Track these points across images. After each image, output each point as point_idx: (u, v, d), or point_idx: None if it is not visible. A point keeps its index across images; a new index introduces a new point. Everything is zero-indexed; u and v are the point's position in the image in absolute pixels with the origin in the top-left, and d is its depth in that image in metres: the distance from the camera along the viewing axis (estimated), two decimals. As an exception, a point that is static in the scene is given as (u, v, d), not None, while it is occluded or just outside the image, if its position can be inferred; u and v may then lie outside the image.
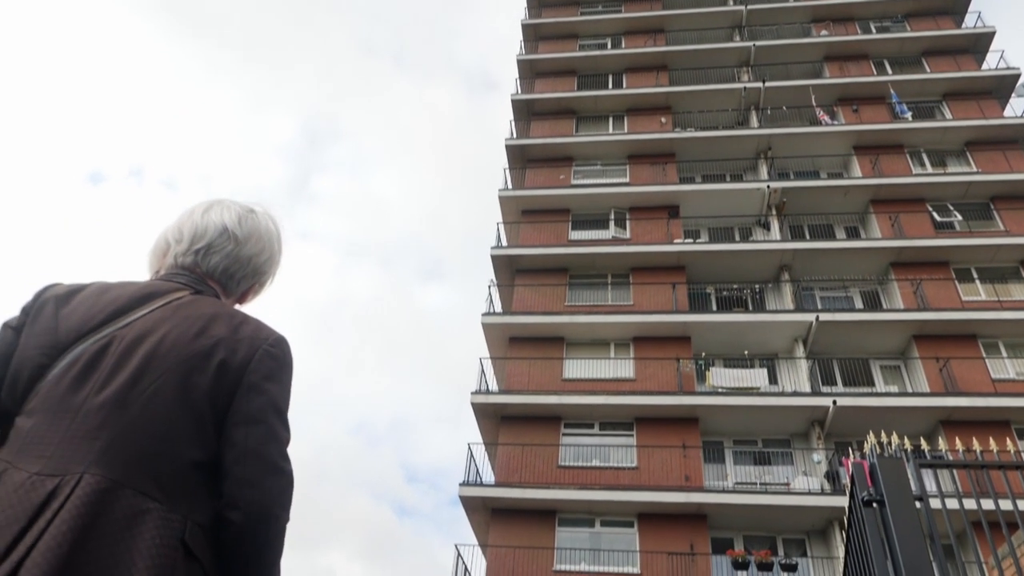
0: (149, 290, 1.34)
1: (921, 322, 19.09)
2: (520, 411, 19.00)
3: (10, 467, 1.12)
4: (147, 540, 1.08)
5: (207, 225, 1.45)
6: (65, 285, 1.36)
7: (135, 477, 1.12)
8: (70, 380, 1.20)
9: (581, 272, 22.25)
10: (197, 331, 1.27)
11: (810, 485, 17.02)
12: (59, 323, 1.27)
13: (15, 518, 1.04)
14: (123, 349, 1.23)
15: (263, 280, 1.54)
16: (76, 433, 1.14)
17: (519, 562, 16.60)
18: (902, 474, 3.75)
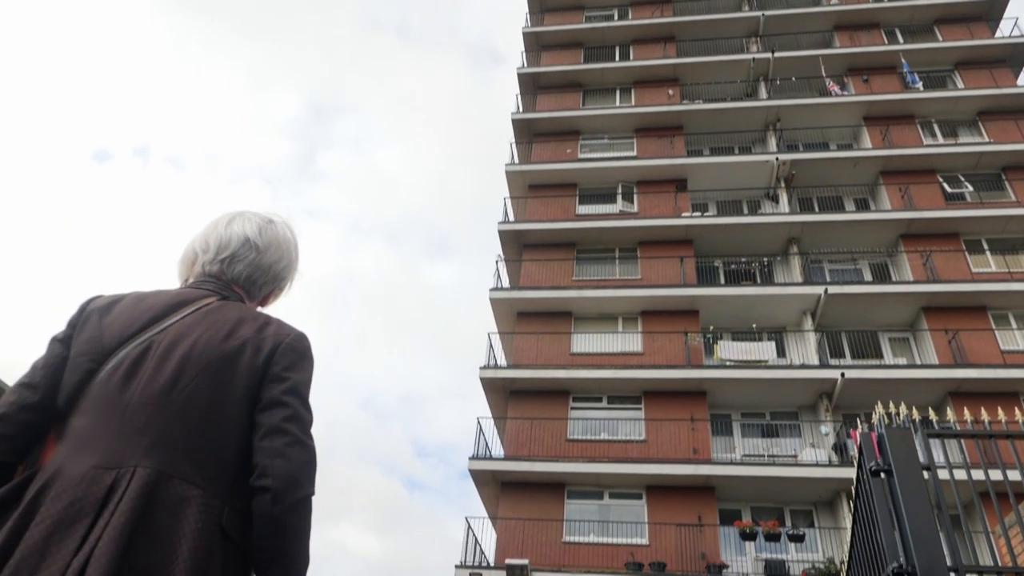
0: (181, 298, 1.49)
1: (930, 294, 19.02)
2: (528, 385, 19.10)
3: (69, 461, 1.25)
4: (191, 524, 1.22)
5: (231, 236, 1.60)
6: (106, 297, 1.50)
7: (180, 467, 1.27)
8: (116, 382, 1.34)
9: (588, 246, 22.21)
10: (226, 333, 1.41)
11: (818, 457, 17.10)
12: (103, 331, 1.41)
13: (84, 511, 1.18)
14: (161, 352, 1.37)
15: (282, 285, 1.69)
16: (125, 429, 1.28)
17: (529, 534, 16.80)
18: (910, 444, 3.77)
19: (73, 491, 1.20)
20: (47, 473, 1.25)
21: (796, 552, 16.51)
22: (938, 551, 3.46)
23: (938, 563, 3.42)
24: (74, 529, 1.17)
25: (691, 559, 16.07)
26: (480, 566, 16.22)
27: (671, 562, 15.98)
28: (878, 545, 3.90)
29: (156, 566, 1.17)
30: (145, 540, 1.17)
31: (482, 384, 19.24)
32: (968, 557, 3.75)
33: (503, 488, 17.78)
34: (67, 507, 1.19)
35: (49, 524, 1.17)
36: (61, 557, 1.14)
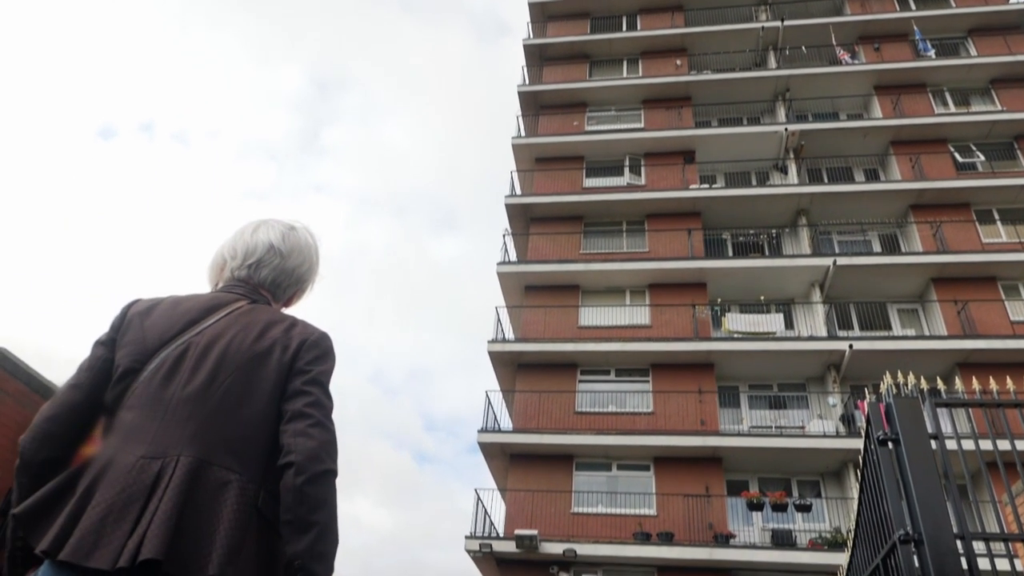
0: (214, 302, 1.63)
1: (940, 265, 18.92)
2: (536, 359, 19.17)
3: (119, 451, 1.40)
4: (230, 505, 1.36)
5: (256, 243, 1.74)
6: (144, 300, 1.65)
7: (219, 455, 1.41)
8: (159, 380, 1.48)
9: (596, 219, 22.14)
10: (257, 335, 1.56)
11: (825, 428, 17.15)
12: (145, 334, 1.55)
13: (135, 496, 1.32)
14: (199, 353, 1.51)
15: (304, 287, 1.83)
16: (169, 422, 1.42)
17: (538, 505, 16.98)
18: (918, 413, 3.78)
19: (124, 479, 1.34)
20: (100, 463, 1.39)
21: (803, 522, 16.65)
22: (944, 518, 3.48)
23: (944, 530, 3.45)
24: (127, 512, 1.30)
25: (699, 529, 16.22)
26: (490, 537, 16.43)
27: (679, 532, 16.14)
28: (885, 514, 3.93)
29: (201, 543, 1.30)
30: (191, 520, 1.31)
31: (490, 358, 19.32)
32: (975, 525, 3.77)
33: (512, 460, 17.94)
34: (119, 492, 1.33)
35: (104, 508, 1.30)
36: (117, 538, 1.27)
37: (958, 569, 3.42)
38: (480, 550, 16.10)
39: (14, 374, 5.00)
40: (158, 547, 1.24)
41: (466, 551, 16.32)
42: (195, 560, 1.29)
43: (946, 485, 3.65)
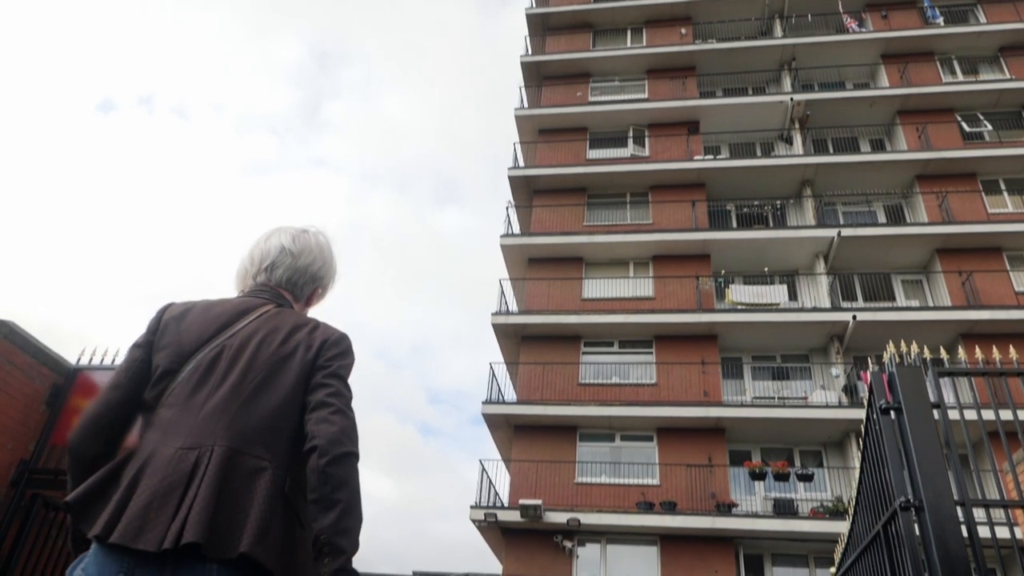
0: (243, 306, 1.76)
1: (945, 236, 18.84)
2: (540, 331, 19.23)
3: (160, 445, 1.52)
4: (261, 490, 1.48)
5: (269, 248, 1.89)
6: (177, 305, 1.78)
7: (249, 444, 1.53)
8: (196, 381, 1.61)
9: (599, 191, 22.05)
10: (283, 338, 1.69)
11: (828, 399, 17.23)
12: (181, 337, 1.68)
13: (176, 484, 1.45)
14: (232, 355, 1.64)
15: (322, 283, 1.95)
16: (205, 417, 1.55)
17: (542, 475, 17.15)
18: (920, 382, 3.79)
19: (164, 468, 1.47)
20: (143, 455, 1.52)
21: (805, 491, 16.80)
22: (945, 486, 3.51)
23: (945, 497, 3.48)
24: (169, 499, 1.42)
25: (701, 498, 16.39)
26: (494, 507, 16.62)
27: (681, 501, 16.31)
28: (886, 482, 3.96)
29: (234, 524, 1.42)
30: (226, 504, 1.44)
31: (494, 330, 19.39)
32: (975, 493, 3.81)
33: (516, 431, 18.09)
34: (161, 481, 1.45)
35: (148, 496, 1.43)
36: (160, 522, 1.39)
37: (958, 536, 3.46)
38: (485, 520, 16.30)
39: (23, 347, 5.04)
40: (199, 531, 1.37)
41: (471, 521, 16.52)
42: (229, 540, 1.40)
43: (947, 453, 3.68)
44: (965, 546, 3.46)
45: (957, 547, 3.45)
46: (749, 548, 16.25)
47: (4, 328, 4.93)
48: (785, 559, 16.21)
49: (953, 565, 3.41)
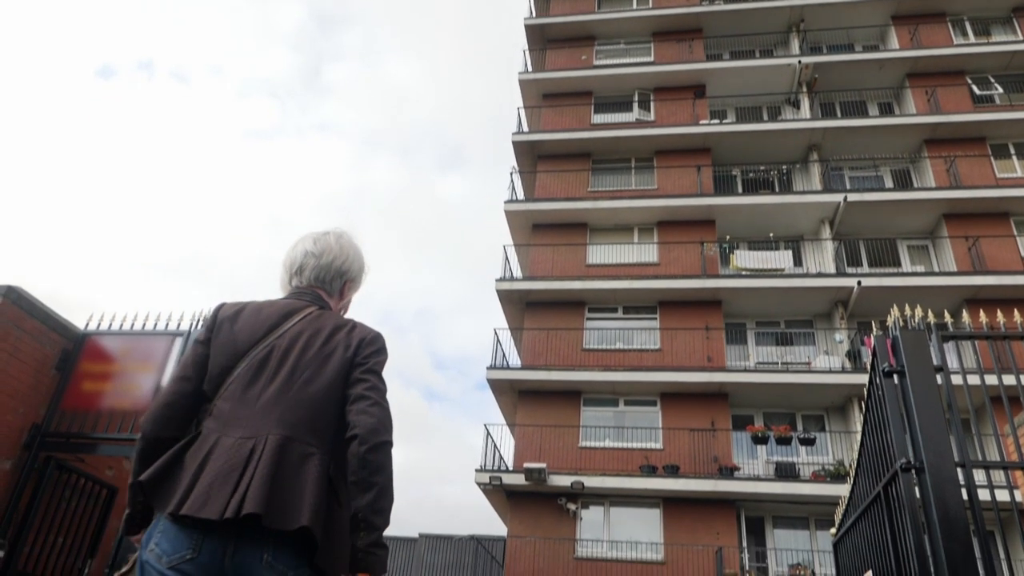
0: (288, 308, 1.98)
1: (952, 200, 18.72)
2: (544, 297, 19.27)
3: (222, 435, 1.74)
4: (311, 472, 1.69)
5: (296, 255, 2.11)
6: (229, 306, 1.99)
7: (300, 434, 1.74)
8: (250, 376, 1.82)
9: (604, 156, 21.90)
10: (325, 339, 1.90)
11: (831, 364, 17.30)
12: (235, 336, 1.90)
13: (235, 465, 1.65)
14: (281, 354, 1.86)
15: (349, 276, 2.15)
16: (259, 410, 1.76)
17: (546, 439, 17.33)
18: (923, 345, 3.81)
19: (226, 454, 1.68)
20: (207, 443, 1.73)
21: (807, 455, 16.96)
22: (946, 447, 3.55)
23: (945, 458, 3.52)
24: (229, 478, 1.63)
25: (704, 462, 16.56)
26: (499, 470, 16.82)
27: (684, 465, 16.49)
28: (887, 444, 4.00)
29: (290, 502, 1.62)
30: (280, 483, 1.64)
31: (498, 296, 19.43)
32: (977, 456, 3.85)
33: (520, 396, 18.23)
34: (223, 464, 1.66)
35: (212, 476, 1.64)
36: (222, 496, 1.59)
37: (958, 497, 3.50)
38: (490, 483, 16.51)
39: (31, 313, 5.08)
40: (258, 503, 1.57)
41: (476, 484, 16.74)
42: (287, 515, 1.60)
43: (949, 416, 3.71)
44: (965, 508, 3.50)
45: (957, 508, 3.49)
46: (750, 510, 16.47)
47: (12, 294, 4.96)
48: (786, 521, 16.43)
49: (952, 526, 3.46)
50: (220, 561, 1.58)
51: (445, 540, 31.38)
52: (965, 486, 3.54)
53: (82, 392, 5.22)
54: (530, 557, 16.11)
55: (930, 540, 3.52)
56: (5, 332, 4.93)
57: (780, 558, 15.90)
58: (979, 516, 3.50)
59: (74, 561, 5.37)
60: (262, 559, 1.58)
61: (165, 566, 1.58)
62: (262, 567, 1.58)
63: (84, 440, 5.13)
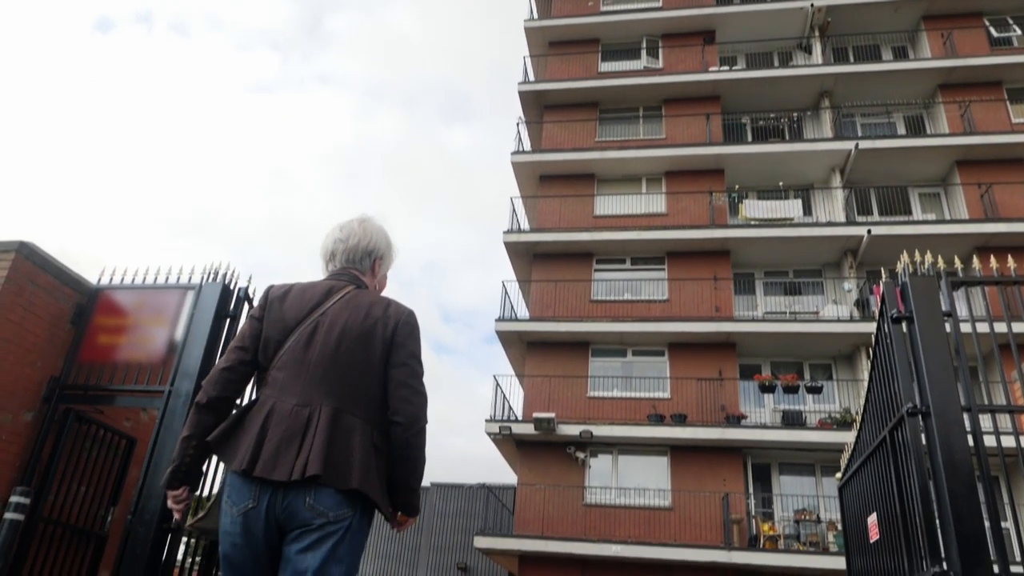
0: (329, 288, 2.22)
1: (966, 147, 18.44)
2: (552, 249, 19.24)
3: (278, 401, 2.02)
4: (358, 440, 2.00)
5: (327, 242, 2.36)
6: (278, 287, 2.25)
7: (347, 405, 2.04)
8: (299, 349, 2.08)
9: (611, 106, 21.60)
10: (364, 315, 2.14)
11: (839, 313, 17.30)
12: (284, 314, 2.16)
13: (296, 432, 1.96)
14: (325, 329, 2.11)
15: (377, 254, 2.37)
16: (309, 381, 2.04)
17: (555, 390, 17.51)
18: (933, 291, 3.81)
19: (287, 420, 1.98)
20: (264, 408, 2.02)
21: (813, 403, 17.10)
22: (953, 392, 3.58)
23: (952, 403, 3.55)
24: (292, 444, 1.94)
25: (711, 411, 16.73)
26: (509, 420, 17.05)
27: (691, 414, 16.66)
28: (894, 390, 4.03)
29: (344, 465, 1.94)
30: (334, 449, 1.95)
31: (506, 248, 19.41)
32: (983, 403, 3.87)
33: (529, 348, 18.36)
34: (285, 430, 1.96)
35: (277, 440, 1.95)
36: (287, 460, 1.91)
37: (963, 441, 3.54)
38: (500, 433, 16.76)
39: (44, 268, 5.12)
40: (318, 467, 1.89)
41: (487, 434, 17.00)
42: (342, 476, 1.93)
43: (956, 362, 3.73)
44: (970, 452, 3.54)
45: (962, 452, 3.54)
46: (757, 458, 16.69)
47: (25, 249, 5.00)
48: (792, 468, 16.67)
49: (957, 469, 3.51)
50: (274, 507, 1.91)
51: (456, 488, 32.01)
52: (971, 431, 3.58)
53: (97, 345, 5.29)
54: (539, 504, 16.44)
55: (935, 483, 3.57)
56: (20, 287, 4.98)
57: (786, 504, 16.18)
58: (984, 460, 3.54)
59: (97, 509, 5.52)
60: (305, 502, 1.90)
61: (236, 514, 1.93)
62: (305, 508, 1.90)
63: (102, 392, 5.22)
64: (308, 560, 1.88)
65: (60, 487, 5.03)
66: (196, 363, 4.97)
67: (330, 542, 1.90)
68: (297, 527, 1.91)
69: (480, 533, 16.17)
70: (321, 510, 1.90)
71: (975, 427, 3.58)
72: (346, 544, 1.93)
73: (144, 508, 4.57)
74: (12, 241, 4.94)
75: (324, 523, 1.90)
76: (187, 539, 5.06)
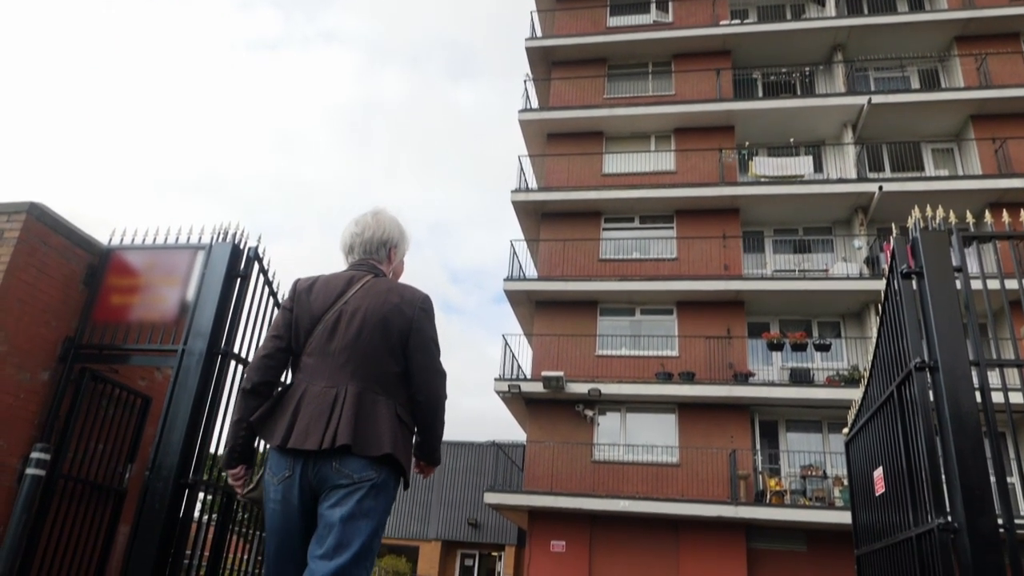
0: (349, 278, 2.44)
1: (981, 101, 18.11)
2: (560, 208, 19.16)
3: (309, 384, 2.27)
4: (382, 412, 2.23)
5: (345, 236, 2.58)
6: (304, 280, 2.48)
7: (369, 384, 2.26)
8: (326, 336, 2.32)
9: (620, 62, 21.27)
10: (382, 302, 2.35)
11: (849, 270, 17.23)
12: (311, 305, 2.38)
13: (325, 408, 2.20)
14: (348, 317, 2.33)
15: (392, 243, 2.58)
16: (336, 365, 2.27)
17: (563, 349, 17.60)
18: (943, 246, 3.79)
19: (317, 399, 2.22)
20: (298, 391, 2.26)
21: (821, 361, 17.15)
22: (961, 347, 3.58)
23: (960, 357, 3.56)
24: (321, 418, 2.17)
25: (719, 369, 16.81)
26: (518, 379, 17.19)
27: (700, 371, 16.75)
28: (902, 346, 4.04)
29: (371, 435, 2.18)
30: (361, 422, 2.18)
31: (514, 208, 19.34)
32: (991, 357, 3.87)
33: (537, 307, 18.41)
34: (316, 408, 2.20)
35: (308, 417, 2.19)
36: (318, 432, 2.15)
37: (971, 396, 3.56)
38: (509, 391, 16.91)
39: (54, 228, 5.15)
40: (347, 436, 2.13)
41: (496, 392, 17.16)
42: (371, 445, 2.16)
43: (966, 318, 3.72)
44: (978, 410, 3.55)
45: (969, 406, 3.55)
46: (764, 415, 16.82)
47: (35, 210, 5.02)
48: (799, 424, 16.79)
49: (964, 423, 3.52)
50: (307, 475, 2.16)
51: (467, 446, 32.45)
52: (979, 387, 3.58)
53: (111, 305, 5.34)
54: (548, 461, 16.67)
55: (941, 438, 3.60)
56: (32, 248, 5.02)
57: (792, 460, 16.34)
58: (991, 416, 3.56)
59: (115, 465, 5.63)
60: (333, 467, 2.14)
61: (276, 483, 2.19)
62: (333, 473, 2.14)
63: (116, 351, 5.29)
64: (336, 513, 2.10)
65: (78, 444, 5.14)
66: (208, 322, 5.02)
67: (356, 496, 2.12)
68: (327, 489, 2.15)
69: (490, 489, 16.42)
70: (347, 472, 2.13)
71: (983, 382, 3.59)
72: (371, 500, 2.14)
73: (161, 464, 4.66)
74: (22, 202, 4.95)
75: (350, 483, 2.13)
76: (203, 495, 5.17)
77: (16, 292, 4.80)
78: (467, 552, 32.22)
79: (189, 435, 4.75)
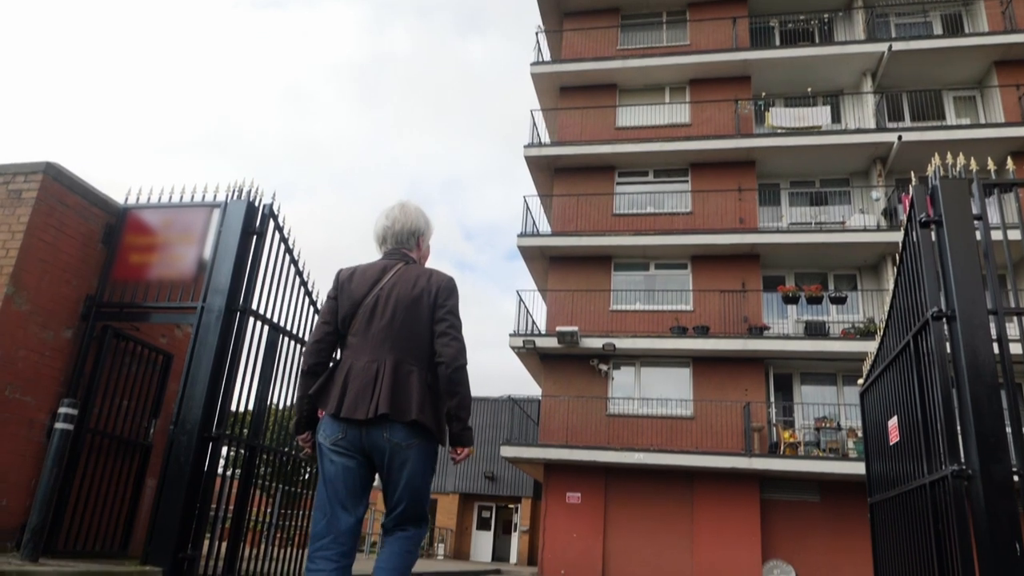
0: (384, 266, 2.80)
1: (1006, 46, 17.63)
2: (573, 162, 19.00)
3: (355, 360, 2.62)
4: (415, 381, 2.57)
5: (378, 229, 2.91)
6: (346, 270, 2.84)
7: (404, 357, 2.61)
8: (366, 319, 2.68)
9: (633, 11, 20.82)
10: (412, 286, 2.70)
11: (866, 222, 17.05)
12: (352, 291, 2.74)
13: (369, 382, 2.55)
14: (383, 301, 2.69)
15: (419, 232, 2.93)
16: (377, 342, 2.63)
17: (577, 304, 17.64)
18: (963, 194, 3.74)
19: (362, 374, 2.58)
20: (345, 367, 2.62)
21: (837, 314, 17.08)
22: (979, 296, 3.55)
23: (978, 306, 3.53)
24: (367, 390, 2.53)
25: (734, 322, 16.80)
26: (532, 334, 17.28)
27: (714, 325, 16.76)
28: (919, 297, 4.02)
29: (404, 403, 2.52)
30: (397, 392, 2.53)
31: (527, 163, 19.19)
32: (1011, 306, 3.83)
33: (551, 263, 18.40)
34: (361, 382, 2.56)
35: (356, 390, 2.55)
36: (364, 403, 2.51)
37: (988, 345, 3.54)
38: (524, 346, 17.01)
39: (72, 188, 5.18)
40: (386, 406, 2.48)
41: (511, 347, 17.27)
42: (404, 411, 2.51)
43: (985, 266, 3.69)
44: (995, 360, 3.54)
45: (986, 355, 3.54)
46: (779, 368, 16.84)
47: (52, 170, 5.04)
48: (814, 377, 16.82)
49: (980, 372, 3.52)
50: (359, 439, 2.53)
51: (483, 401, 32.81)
52: (997, 337, 3.56)
53: (130, 264, 5.40)
54: (564, 415, 16.84)
55: (957, 387, 3.60)
56: (50, 208, 5.06)
57: (807, 412, 16.41)
58: (1008, 365, 3.55)
59: (140, 420, 5.75)
60: (383, 436, 2.52)
61: (328, 444, 2.56)
62: (383, 440, 2.52)
63: (137, 309, 5.36)
64: (395, 476, 2.55)
65: (104, 401, 5.25)
66: (226, 279, 5.07)
67: (409, 462, 2.54)
68: (380, 455, 2.54)
69: (506, 443, 16.66)
70: (396, 440, 2.52)
71: (1001, 331, 3.57)
72: (420, 462, 2.57)
73: (185, 419, 4.77)
74: (38, 162, 4.98)
75: (399, 450, 2.52)
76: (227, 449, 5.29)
77: (37, 252, 4.86)
78: (484, 504, 32.84)
79: (211, 390, 4.84)
